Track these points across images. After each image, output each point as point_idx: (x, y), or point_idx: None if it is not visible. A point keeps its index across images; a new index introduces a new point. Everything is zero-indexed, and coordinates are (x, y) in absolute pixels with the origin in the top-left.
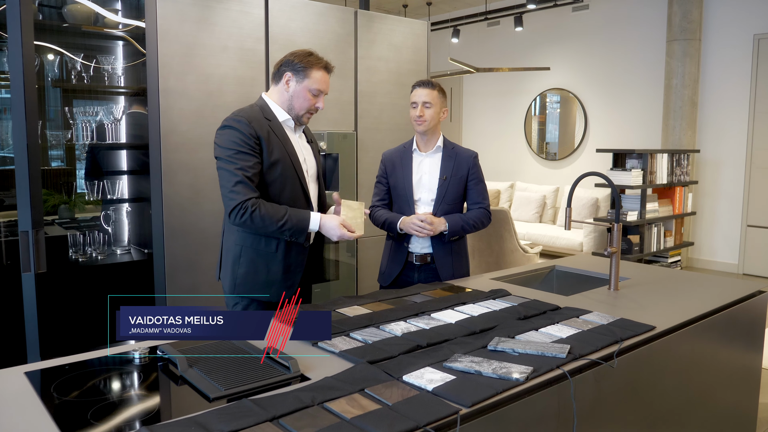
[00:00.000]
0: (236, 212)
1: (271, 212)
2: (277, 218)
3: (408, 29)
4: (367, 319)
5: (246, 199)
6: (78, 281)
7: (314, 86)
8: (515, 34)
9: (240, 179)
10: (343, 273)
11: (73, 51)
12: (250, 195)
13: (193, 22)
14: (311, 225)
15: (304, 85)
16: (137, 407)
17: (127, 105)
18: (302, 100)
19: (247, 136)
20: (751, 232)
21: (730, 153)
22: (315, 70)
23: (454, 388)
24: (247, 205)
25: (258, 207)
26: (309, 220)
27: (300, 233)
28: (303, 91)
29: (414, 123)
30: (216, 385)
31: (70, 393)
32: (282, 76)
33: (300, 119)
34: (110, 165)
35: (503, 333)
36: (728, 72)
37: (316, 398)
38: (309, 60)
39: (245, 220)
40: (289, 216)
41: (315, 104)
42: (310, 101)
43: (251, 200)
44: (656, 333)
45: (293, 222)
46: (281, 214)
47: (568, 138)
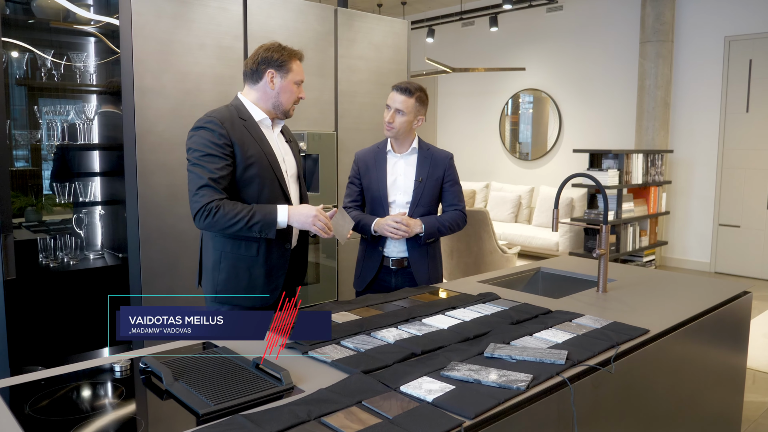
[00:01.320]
0: (200, 215)
1: (235, 210)
2: (242, 215)
3: (388, 28)
4: (357, 325)
5: (209, 201)
6: (50, 288)
7: (297, 78)
8: (490, 35)
9: (205, 183)
10: (323, 276)
11: (42, 48)
12: (213, 197)
13: (170, 18)
14: (279, 217)
15: (289, 79)
16: (121, 425)
17: (99, 104)
18: (289, 94)
19: (217, 137)
20: (722, 231)
21: (702, 153)
22: (294, 62)
23: (455, 399)
24: (210, 207)
25: (221, 206)
26: (276, 212)
27: (269, 227)
28: (288, 85)
29: (384, 125)
30: (204, 399)
31: (47, 411)
32: (262, 74)
33: (287, 113)
34: (82, 166)
35: (498, 339)
36: (700, 73)
37: (312, 412)
38: (287, 53)
39: (209, 222)
40: (254, 211)
41: (299, 95)
42: (295, 93)
43: (214, 202)
44: (650, 336)
45: (260, 216)
46: (246, 210)
47: (541, 138)
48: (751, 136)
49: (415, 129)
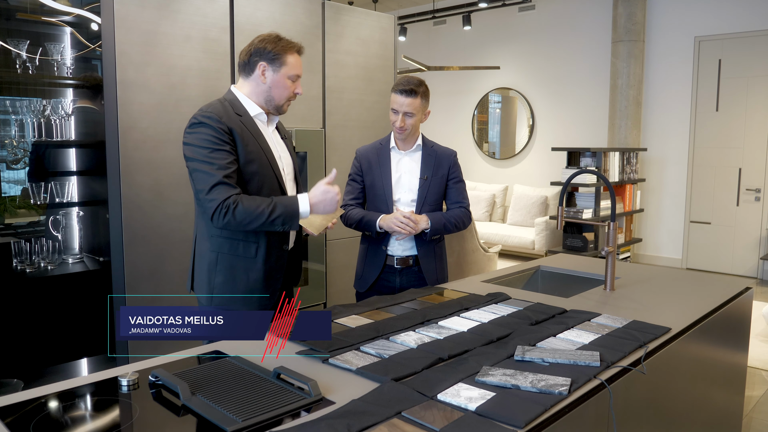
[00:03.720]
0: (218, 214)
1: (255, 203)
2: (263, 208)
3: (375, 23)
4: (374, 330)
5: (226, 197)
6: (26, 294)
7: (292, 72)
8: (461, 34)
9: (218, 180)
10: (312, 278)
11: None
12: (230, 193)
13: (154, 8)
14: (301, 207)
15: (282, 73)
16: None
17: (77, 98)
18: (282, 89)
19: (220, 132)
20: (693, 228)
21: (673, 151)
22: (289, 55)
23: (499, 406)
24: (228, 203)
25: (239, 202)
26: (297, 203)
27: (292, 218)
28: (281, 79)
29: (394, 129)
30: (229, 415)
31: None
32: (255, 66)
33: (280, 109)
34: (58, 165)
35: (522, 341)
36: (671, 73)
37: (352, 426)
38: (282, 45)
39: (228, 219)
40: (275, 203)
41: (294, 90)
42: (289, 89)
43: (231, 197)
44: (672, 335)
45: (282, 208)
46: (266, 202)
47: (510, 138)
48: (720, 135)
49: (419, 124)
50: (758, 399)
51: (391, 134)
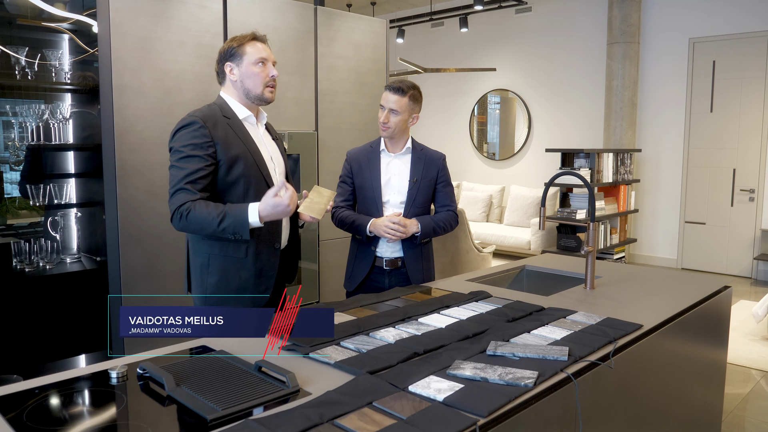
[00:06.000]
0: (175, 218)
1: (207, 211)
2: (212, 216)
3: (367, 27)
4: (355, 326)
5: (182, 203)
6: (25, 293)
7: (254, 57)
8: (459, 36)
9: (180, 186)
10: (305, 277)
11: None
12: (187, 199)
13: (149, 15)
14: (250, 217)
15: (246, 63)
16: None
17: (74, 103)
18: (252, 77)
19: (198, 137)
20: (688, 228)
21: (668, 152)
22: (246, 45)
23: (466, 398)
24: (182, 210)
25: (192, 208)
26: (247, 212)
27: (241, 227)
28: (247, 68)
29: (379, 125)
30: (210, 404)
31: (44, 421)
32: (224, 70)
33: (262, 97)
34: (56, 167)
35: (497, 336)
36: (666, 74)
37: (324, 415)
38: (237, 40)
39: (183, 224)
40: (225, 212)
41: (267, 73)
42: (259, 74)
43: (186, 204)
44: (643, 331)
45: (231, 218)
46: (217, 211)
47: (509, 139)
48: (715, 136)
49: (409, 127)
50: (744, 396)
51: (381, 137)
